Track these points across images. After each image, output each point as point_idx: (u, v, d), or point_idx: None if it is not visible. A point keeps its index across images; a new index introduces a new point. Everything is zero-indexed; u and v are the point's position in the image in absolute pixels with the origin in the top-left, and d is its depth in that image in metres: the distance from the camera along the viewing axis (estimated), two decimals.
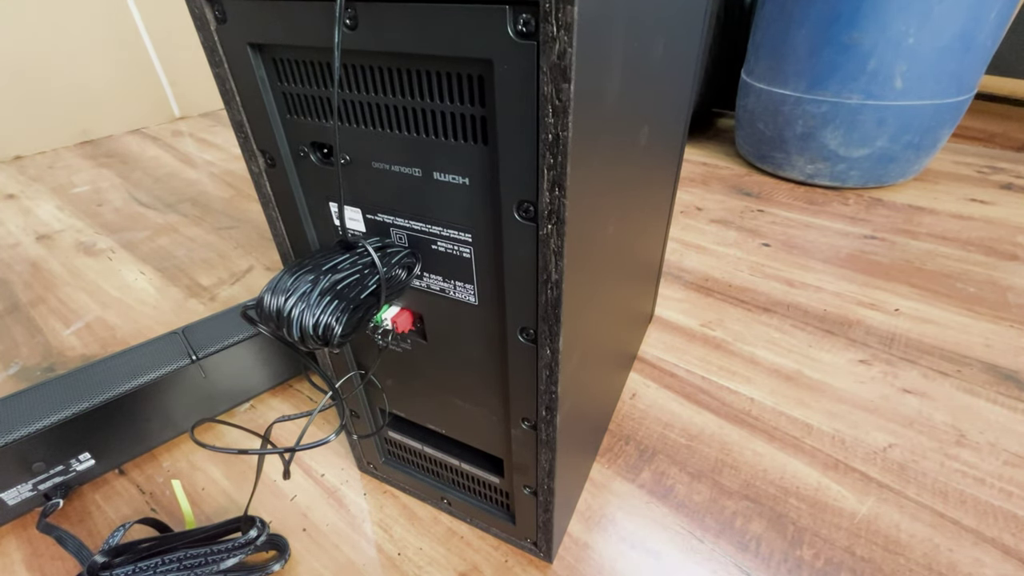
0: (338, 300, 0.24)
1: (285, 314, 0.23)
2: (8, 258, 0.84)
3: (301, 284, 0.24)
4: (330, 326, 0.24)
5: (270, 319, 0.24)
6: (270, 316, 0.24)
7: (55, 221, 0.95)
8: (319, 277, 0.24)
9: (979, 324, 0.62)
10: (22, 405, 0.44)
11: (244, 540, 0.38)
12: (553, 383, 0.28)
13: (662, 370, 0.58)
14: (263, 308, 0.24)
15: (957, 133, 1.17)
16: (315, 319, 0.23)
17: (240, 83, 0.26)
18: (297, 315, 0.23)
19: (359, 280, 0.25)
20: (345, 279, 0.25)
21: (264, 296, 0.24)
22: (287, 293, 0.23)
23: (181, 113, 1.49)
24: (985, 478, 0.45)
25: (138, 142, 1.32)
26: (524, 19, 0.18)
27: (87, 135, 1.34)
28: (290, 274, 0.24)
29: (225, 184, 1.07)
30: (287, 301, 0.23)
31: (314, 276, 0.24)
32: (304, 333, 0.23)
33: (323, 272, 0.24)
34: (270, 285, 0.24)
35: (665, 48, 0.32)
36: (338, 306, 0.24)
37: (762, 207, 0.92)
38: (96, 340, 0.65)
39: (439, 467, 0.41)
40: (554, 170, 0.21)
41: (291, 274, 0.24)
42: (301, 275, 0.24)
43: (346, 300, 0.24)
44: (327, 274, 0.24)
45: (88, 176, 1.14)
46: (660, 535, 0.42)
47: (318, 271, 0.24)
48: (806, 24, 0.85)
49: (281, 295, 0.23)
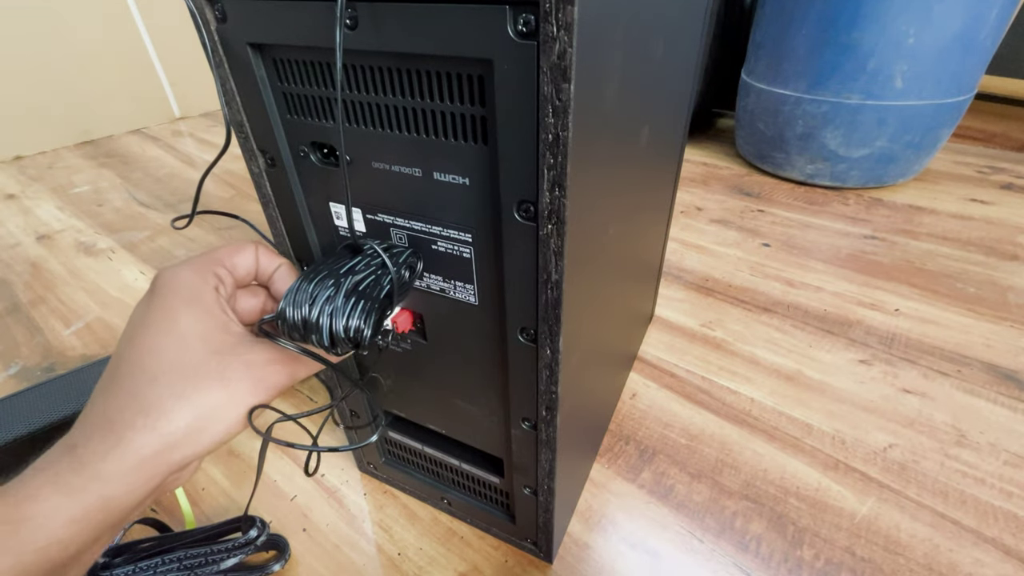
0: (364, 301, 0.24)
1: (312, 321, 0.23)
2: (8, 258, 0.84)
3: (323, 290, 0.23)
4: (360, 328, 0.23)
5: (295, 330, 0.23)
6: (295, 327, 0.23)
7: (55, 221, 0.95)
8: (340, 281, 0.24)
9: (979, 324, 0.62)
10: (22, 405, 0.44)
11: (244, 540, 0.38)
12: (553, 383, 0.28)
13: (662, 370, 0.58)
14: (286, 320, 0.23)
15: (957, 133, 1.17)
16: (344, 323, 0.23)
17: (240, 83, 0.26)
18: (326, 321, 0.23)
19: (376, 281, 0.25)
20: (364, 280, 0.24)
21: (285, 308, 0.23)
22: (310, 301, 0.23)
23: (181, 113, 1.49)
24: (985, 478, 0.45)
25: (138, 142, 1.32)
26: (524, 19, 0.18)
27: (87, 135, 1.34)
28: (308, 282, 0.24)
29: (225, 184, 1.07)
30: (312, 309, 0.23)
31: (334, 280, 0.24)
32: (335, 338, 0.23)
33: (342, 276, 0.24)
34: (289, 297, 0.23)
35: (665, 48, 0.32)
36: (364, 307, 0.23)
37: (762, 207, 0.92)
38: (96, 340, 0.65)
39: (439, 467, 0.41)
40: (554, 170, 0.21)
41: (309, 282, 0.24)
42: (320, 281, 0.24)
43: (370, 300, 0.24)
44: (346, 276, 0.24)
45: (88, 176, 1.14)
46: (660, 535, 0.42)
47: (336, 276, 0.24)
48: (806, 24, 0.85)
49: (304, 304, 0.23)
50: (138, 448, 0.20)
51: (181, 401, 0.21)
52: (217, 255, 0.25)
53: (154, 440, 0.21)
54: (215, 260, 0.25)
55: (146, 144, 1.31)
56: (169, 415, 0.21)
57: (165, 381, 0.21)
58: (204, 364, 0.22)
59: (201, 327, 0.23)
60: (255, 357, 0.23)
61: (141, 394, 0.21)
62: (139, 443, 0.20)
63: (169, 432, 0.21)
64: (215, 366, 0.22)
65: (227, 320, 0.24)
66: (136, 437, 0.20)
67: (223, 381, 0.22)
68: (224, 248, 0.26)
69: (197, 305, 0.23)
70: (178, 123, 1.46)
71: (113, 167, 1.18)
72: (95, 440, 0.20)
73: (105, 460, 0.20)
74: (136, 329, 0.23)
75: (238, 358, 0.23)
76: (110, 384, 0.22)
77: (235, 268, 0.26)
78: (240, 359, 0.23)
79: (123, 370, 0.22)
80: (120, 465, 0.20)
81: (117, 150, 1.28)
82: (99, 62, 1.29)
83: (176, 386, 0.21)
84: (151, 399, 0.21)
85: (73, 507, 0.19)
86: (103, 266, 0.81)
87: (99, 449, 0.20)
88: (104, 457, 0.20)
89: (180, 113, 1.49)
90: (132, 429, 0.20)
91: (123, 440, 0.20)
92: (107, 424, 0.21)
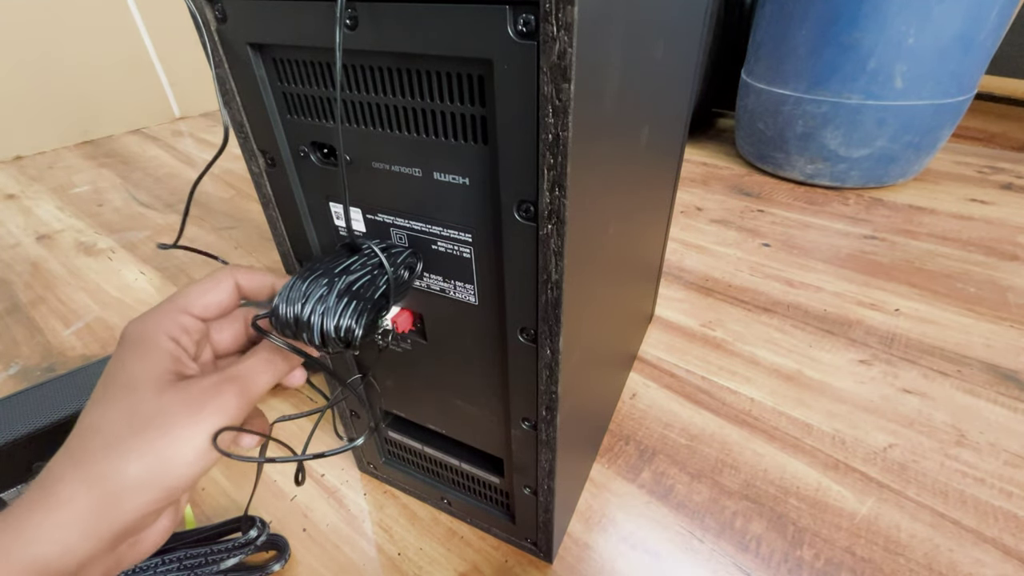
0: (356, 301, 0.24)
1: (304, 320, 0.23)
2: (8, 258, 0.84)
3: (316, 289, 0.23)
4: (351, 328, 0.23)
5: (287, 327, 0.23)
6: (287, 324, 0.23)
7: (55, 221, 0.95)
8: (333, 280, 0.24)
9: (979, 324, 0.62)
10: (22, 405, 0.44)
11: (244, 540, 0.38)
12: (553, 383, 0.28)
13: (662, 370, 0.58)
14: (279, 317, 0.23)
15: (957, 133, 1.17)
16: (336, 322, 0.23)
17: (240, 83, 0.26)
18: (317, 320, 0.23)
19: (371, 281, 0.25)
20: (358, 280, 0.25)
21: (279, 305, 0.23)
22: (303, 299, 0.23)
23: (181, 113, 1.49)
24: (985, 478, 0.45)
25: (138, 142, 1.32)
26: (524, 19, 0.18)
27: (87, 135, 1.34)
28: (302, 280, 0.24)
29: (225, 184, 1.07)
30: (304, 307, 0.23)
31: (328, 279, 0.24)
32: (326, 337, 0.23)
33: (336, 275, 0.24)
34: (283, 294, 0.23)
35: (665, 48, 0.32)
36: (356, 307, 0.23)
37: (762, 207, 0.92)
38: (96, 340, 0.65)
39: (439, 467, 0.41)
40: (554, 170, 0.21)
41: (303, 280, 0.24)
42: (314, 280, 0.24)
43: (363, 300, 0.24)
44: (340, 276, 0.24)
45: (88, 176, 1.14)
46: (660, 535, 0.42)
47: (331, 274, 0.24)
48: (806, 24, 0.85)
49: (297, 302, 0.23)
50: (67, 500, 0.19)
51: (122, 448, 0.20)
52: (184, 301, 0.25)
53: (88, 491, 0.20)
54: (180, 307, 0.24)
55: (146, 144, 1.31)
56: (109, 463, 0.20)
57: (108, 430, 0.20)
58: (151, 407, 0.21)
59: (146, 374, 0.22)
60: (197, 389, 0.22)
61: (80, 448, 0.20)
62: (67, 495, 0.19)
63: (109, 481, 0.20)
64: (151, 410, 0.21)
65: (180, 366, 0.23)
66: (64, 489, 0.19)
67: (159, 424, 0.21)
68: (195, 287, 0.25)
69: (147, 355, 0.22)
70: (178, 123, 1.46)
71: (113, 167, 1.18)
72: (27, 499, 0.20)
73: (31, 518, 0.19)
74: (96, 386, 0.22)
75: (176, 395, 0.22)
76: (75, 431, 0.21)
77: (206, 310, 0.25)
78: (177, 396, 0.22)
79: (75, 429, 0.21)
80: (49, 521, 0.19)
81: (117, 150, 1.28)
82: (99, 62, 1.29)
83: (120, 434, 0.20)
84: (89, 450, 0.20)
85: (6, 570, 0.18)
86: (103, 266, 0.81)
87: (29, 507, 0.19)
88: (31, 515, 0.19)
89: (180, 113, 1.49)
90: (61, 482, 0.20)
91: (51, 494, 0.19)
92: (41, 482, 0.20)
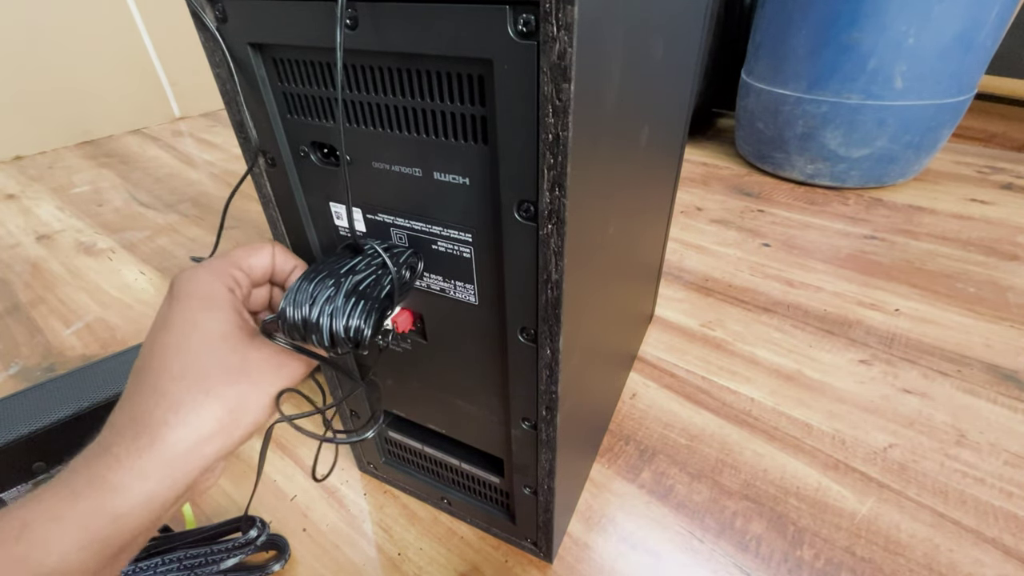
0: (364, 301, 0.24)
1: (313, 321, 0.23)
2: (8, 258, 0.84)
3: (323, 290, 0.23)
4: (360, 328, 0.23)
5: (295, 330, 0.23)
6: (295, 327, 0.23)
7: (55, 221, 0.95)
8: (340, 281, 0.24)
9: (979, 324, 0.62)
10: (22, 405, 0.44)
11: (244, 540, 0.38)
12: (553, 383, 0.28)
13: (662, 370, 0.58)
14: (287, 320, 0.23)
15: (957, 133, 1.17)
16: (345, 322, 0.23)
17: (240, 83, 0.26)
18: (326, 321, 0.23)
19: (376, 281, 0.25)
20: (364, 280, 0.25)
21: (286, 308, 0.23)
22: (310, 301, 0.23)
23: (181, 113, 1.49)
24: (985, 478, 0.45)
25: (138, 142, 1.32)
26: (524, 19, 0.18)
27: (87, 135, 1.34)
28: (308, 281, 0.24)
29: (225, 184, 1.07)
30: (312, 309, 0.23)
31: (334, 280, 0.24)
32: (335, 338, 0.23)
33: (342, 275, 0.24)
34: (289, 296, 0.23)
35: (665, 48, 0.32)
36: (364, 307, 0.24)
37: (762, 207, 0.92)
38: (96, 340, 0.65)
39: (439, 467, 0.41)
40: (554, 170, 0.21)
41: (309, 281, 0.24)
42: (320, 281, 0.24)
43: (371, 300, 0.24)
44: (347, 276, 0.24)
45: (88, 176, 1.14)
46: (660, 535, 0.42)
47: (336, 275, 0.24)
48: (806, 24, 0.85)
49: (305, 304, 0.23)
50: (173, 443, 0.21)
51: (209, 396, 0.22)
52: (234, 257, 0.26)
53: (188, 435, 0.22)
54: (231, 262, 0.26)
55: (146, 144, 1.31)
56: (199, 410, 0.22)
57: (192, 378, 0.22)
58: (227, 360, 0.23)
59: (220, 327, 0.24)
60: (272, 349, 0.25)
61: (169, 393, 0.22)
62: (173, 439, 0.21)
63: (201, 426, 0.22)
64: (237, 361, 0.23)
65: (243, 319, 0.25)
66: (170, 433, 0.21)
67: (246, 374, 0.23)
68: (241, 249, 0.27)
69: (215, 306, 0.24)
70: (178, 123, 1.45)
71: (113, 167, 1.18)
72: (128, 439, 0.21)
73: (142, 457, 0.21)
74: (159, 333, 0.23)
75: (258, 352, 0.24)
76: (137, 387, 0.23)
77: (252, 270, 0.27)
78: (259, 352, 0.24)
79: (149, 373, 0.23)
80: (159, 461, 0.21)
81: (117, 150, 1.28)
82: (99, 62, 1.29)
83: (203, 382, 0.22)
84: (180, 396, 0.22)
85: (118, 503, 0.20)
86: (103, 266, 0.81)
87: (135, 448, 0.21)
88: (141, 455, 0.21)
89: (180, 113, 1.49)
90: (166, 426, 0.21)
91: (158, 437, 0.21)
92: (139, 425, 0.21)
